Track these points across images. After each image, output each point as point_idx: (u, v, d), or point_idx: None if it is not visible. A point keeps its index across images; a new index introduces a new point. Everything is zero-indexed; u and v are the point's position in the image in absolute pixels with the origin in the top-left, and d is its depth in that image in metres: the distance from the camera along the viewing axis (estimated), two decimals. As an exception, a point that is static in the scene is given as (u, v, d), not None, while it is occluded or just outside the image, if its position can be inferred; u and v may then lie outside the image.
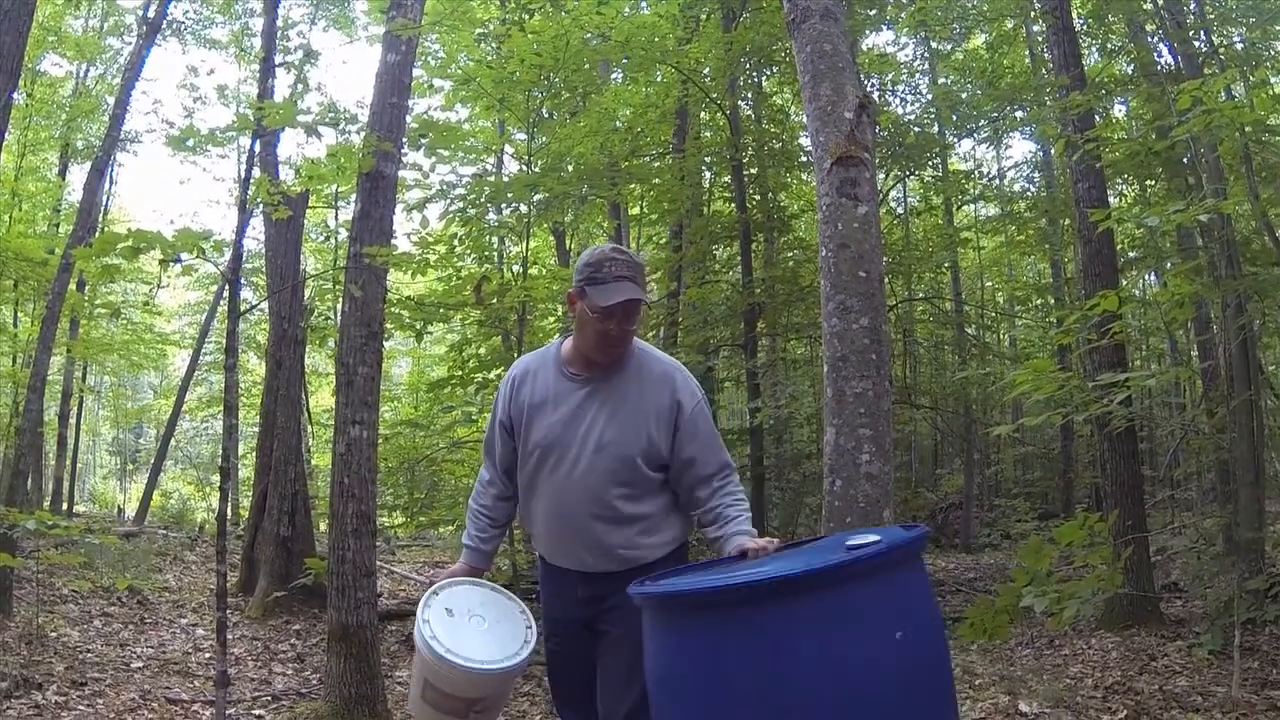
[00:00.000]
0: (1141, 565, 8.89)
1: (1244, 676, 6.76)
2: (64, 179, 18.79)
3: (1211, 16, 9.71)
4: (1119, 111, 14.60)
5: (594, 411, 3.45)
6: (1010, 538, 12.67)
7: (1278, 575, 8.47)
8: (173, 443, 23.37)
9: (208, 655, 7.65)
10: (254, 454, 12.49)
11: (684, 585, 2.78)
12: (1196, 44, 9.20)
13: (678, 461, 3.46)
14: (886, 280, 14.87)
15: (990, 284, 21.55)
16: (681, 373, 3.55)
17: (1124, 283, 11.58)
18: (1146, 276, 16.25)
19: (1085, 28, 12.57)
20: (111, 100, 14.60)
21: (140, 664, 7.23)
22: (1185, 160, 9.17)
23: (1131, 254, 12.55)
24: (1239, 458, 8.36)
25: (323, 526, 12.77)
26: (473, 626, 3.37)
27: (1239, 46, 10.19)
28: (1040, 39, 13.83)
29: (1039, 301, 18.82)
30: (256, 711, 6.36)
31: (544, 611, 3.72)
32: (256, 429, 13.04)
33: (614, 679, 3.42)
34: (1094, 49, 13.69)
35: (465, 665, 3.20)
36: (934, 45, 16.80)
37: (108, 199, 19.05)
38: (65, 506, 17.37)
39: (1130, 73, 12.18)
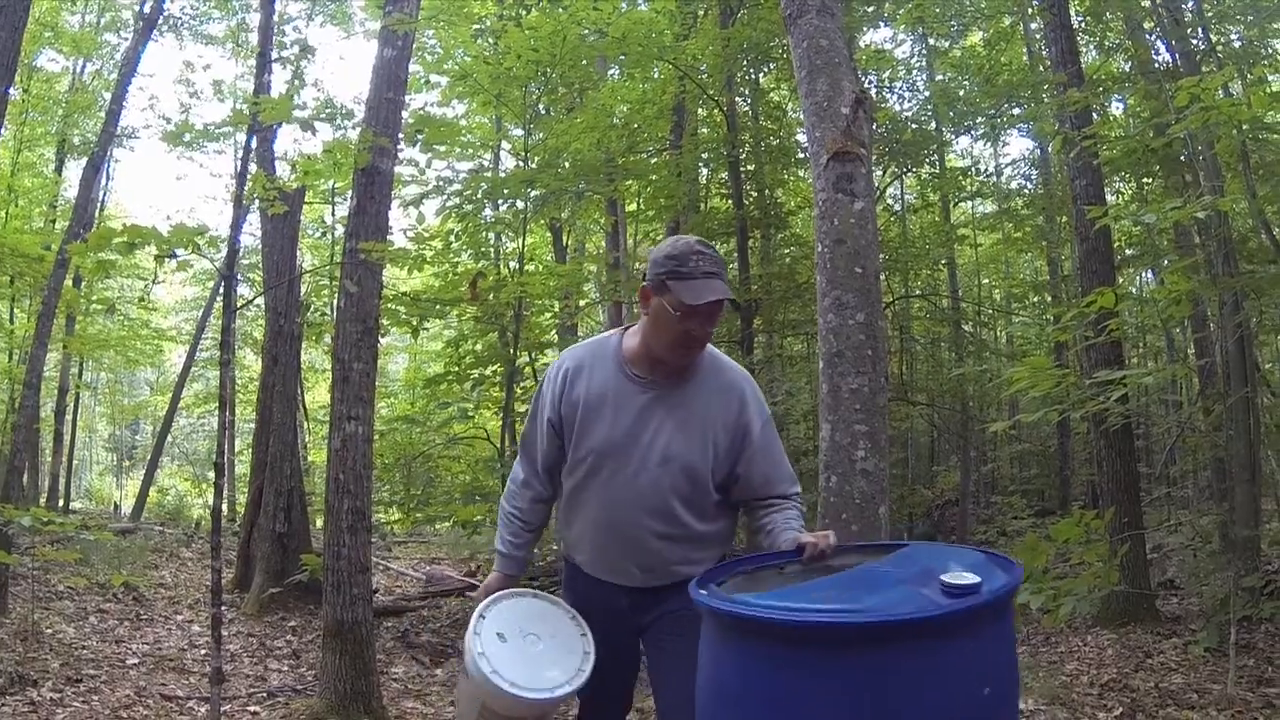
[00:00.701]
0: (1138, 563, 8.89)
1: (1239, 674, 6.77)
2: (60, 175, 18.77)
3: (1209, 14, 9.72)
4: (1116, 109, 14.60)
5: (659, 419, 3.19)
6: (1007, 535, 12.66)
7: (1273, 573, 8.49)
8: (169, 439, 23.38)
9: (203, 652, 7.64)
10: (250, 450, 12.48)
11: (776, 614, 2.41)
12: (1194, 41, 9.20)
13: (744, 479, 3.25)
14: (883, 277, 14.87)
15: (987, 281, 21.54)
16: (751, 385, 3.32)
17: (1121, 280, 11.59)
18: (1143, 274, 16.27)
19: (1083, 25, 12.56)
20: (108, 96, 14.58)
21: (136, 660, 7.22)
22: (1182, 158, 9.18)
23: (1129, 251, 12.56)
24: (1235, 455, 8.37)
25: (319, 523, 12.77)
26: (529, 647, 3.19)
27: (1237, 44, 10.19)
28: (1038, 36, 13.82)
29: (1036, 299, 18.84)
30: (252, 708, 6.35)
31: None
32: (252, 425, 13.03)
33: (680, 696, 3.15)
34: (1091, 46, 13.68)
35: (533, 698, 3.05)
36: (931, 42, 16.78)
37: (104, 195, 19.04)
38: (61, 503, 17.36)
39: (1128, 70, 12.19)
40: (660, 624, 3.25)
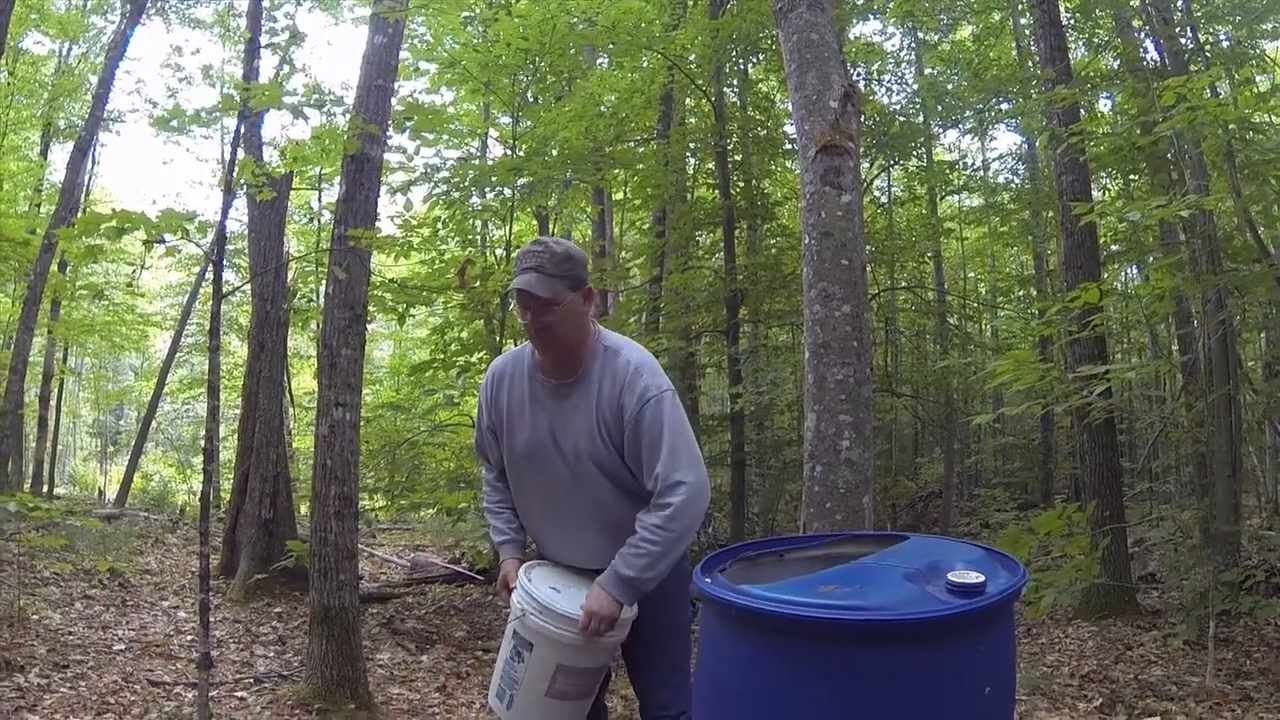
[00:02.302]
0: (1119, 556, 8.96)
1: (1218, 667, 6.85)
2: (46, 158, 18.69)
3: (1198, 14, 9.75)
4: (1104, 106, 14.64)
5: (565, 417, 3.35)
6: (989, 527, 12.71)
7: (1253, 568, 8.55)
8: (154, 425, 23.30)
9: (189, 638, 7.65)
10: (235, 436, 12.47)
11: (784, 609, 2.42)
12: (1183, 41, 9.23)
13: (630, 466, 3.30)
14: (869, 269, 14.95)
15: (973, 274, 21.59)
16: (635, 369, 3.29)
17: (1106, 276, 11.64)
18: (1128, 270, 16.32)
19: (1072, 22, 12.61)
20: (94, 79, 14.55)
21: (122, 646, 7.22)
22: (1169, 156, 9.22)
23: (1114, 247, 12.61)
24: (1217, 451, 8.43)
25: (303, 509, 12.78)
26: (578, 594, 3.29)
27: (1225, 44, 10.23)
28: (1027, 32, 13.85)
29: (1021, 293, 18.87)
30: (239, 694, 6.36)
31: None
32: (238, 411, 13.01)
33: (662, 662, 3.41)
34: (1080, 43, 13.72)
35: (626, 616, 3.20)
36: (921, 36, 16.81)
37: (90, 179, 18.95)
38: (46, 489, 17.30)
39: (1116, 68, 12.23)
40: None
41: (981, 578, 2.39)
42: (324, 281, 8.61)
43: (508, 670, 3.31)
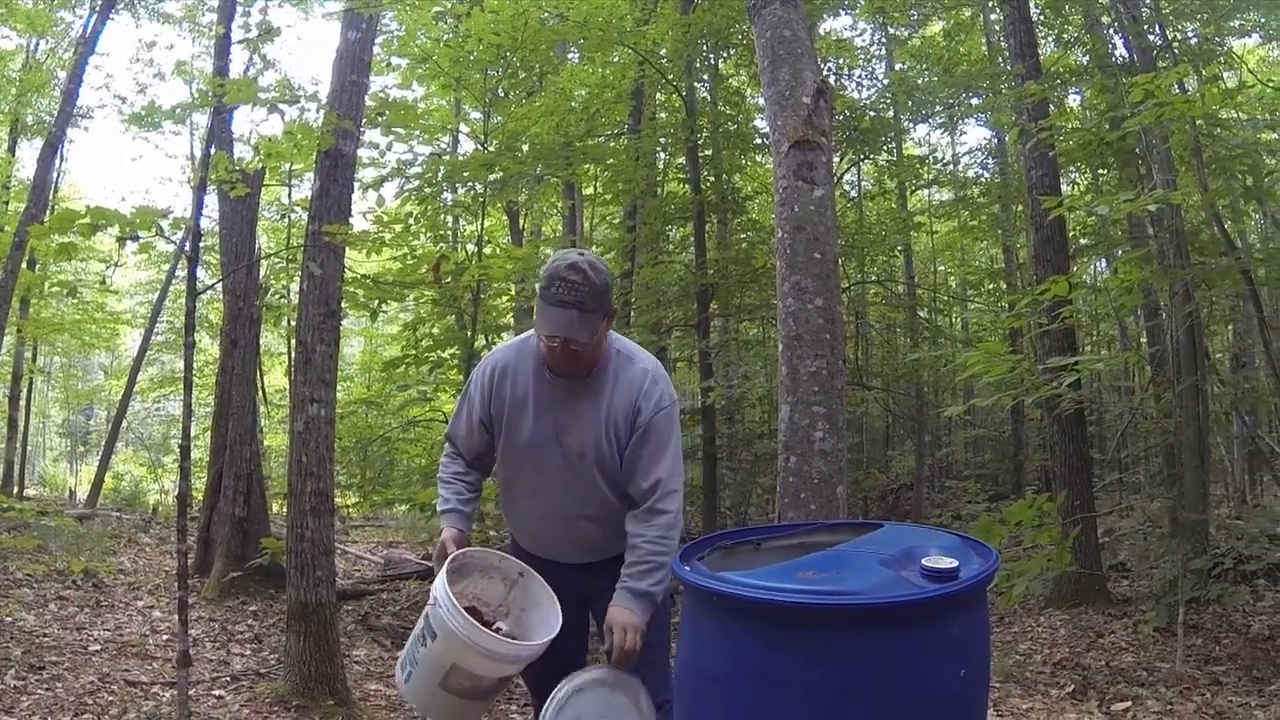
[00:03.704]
0: (1089, 545, 9.05)
1: (1188, 653, 6.95)
2: (14, 155, 18.50)
3: (1166, 11, 9.85)
4: (1074, 101, 14.76)
5: (573, 414, 3.36)
6: (961, 518, 12.81)
7: (1221, 555, 8.66)
8: (124, 424, 23.13)
9: (165, 637, 7.62)
10: (208, 434, 12.40)
11: (763, 594, 2.45)
12: (1151, 37, 9.32)
13: (625, 469, 3.35)
14: (840, 263, 15.01)
15: (943, 268, 21.71)
16: (653, 378, 3.38)
17: (1074, 269, 11.74)
18: (1097, 263, 16.45)
19: (1042, 18, 12.71)
20: (63, 75, 14.42)
21: (98, 647, 7.18)
22: (1137, 151, 9.31)
23: (1083, 241, 12.72)
24: (1185, 441, 8.53)
25: (277, 507, 12.73)
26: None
27: (1193, 41, 10.33)
28: (997, 28, 13.96)
29: (991, 286, 19.00)
30: (216, 692, 6.35)
31: None
32: (210, 409, 12.95)
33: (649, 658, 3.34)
34: (1050, 39, 13.83)
35: (512, 646, 3.12)
36: (892, 31, 16.90)
37: (59, 176, 18.79)
38: (16, 490, 17.17)
39: (1086, 64, 12.33)
40: (606, 593, 3.32)
41: (955, 563, 2.43)
42: (296, 278, 8.59)
43: (413, 648, 3.27)
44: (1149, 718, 5.78)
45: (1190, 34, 10.54)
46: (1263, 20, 10.74)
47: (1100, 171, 12.50)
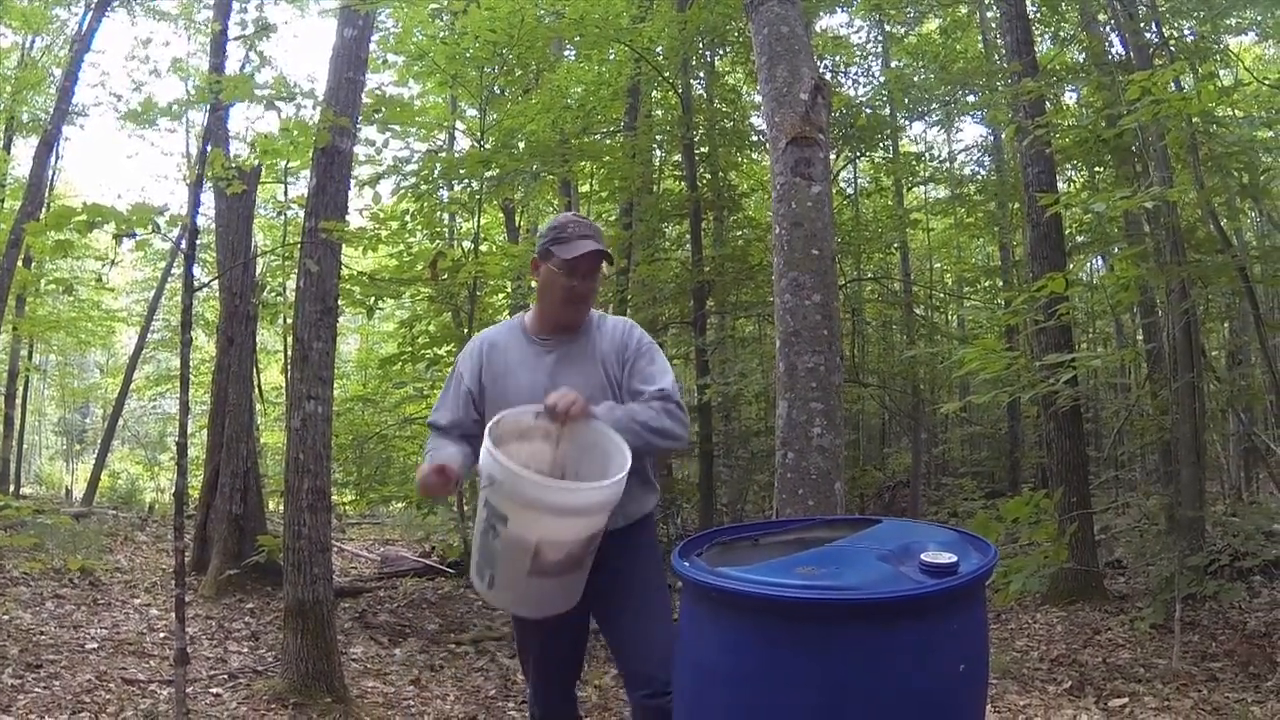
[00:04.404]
0: (1086, 542, 9.07)
1: (1184, 649, 6.97)
2: (9, 153, 18.47)
3: (1163, 8, 9.85)
4: (1070, 99, 14.77)
5: (565, 372, 3.48)
6: (957, 515, 12.80)
7: (1217, 552, 8.68)
8: (120, 422, 23.11)
9: (162, 635, 7.61)
10: (204, 432, 12.40)
11: (763, 590, 2.44)
12: (1148, 35, 9.33)
13: (629, 387, 3.51)
14: (836, 259, 15.01)
15: (939, 265, 21.74)
16: (630, 324, 3.69)
17: (1071, 266, 11.76)
18: (1094, 260, 16.48)
19: (1038, 15, 12.72)
20: (58, 72, 14.41)
21: (95, 645, 7.17)
22: (1133, 149, 9.32)
23: (1079, 238, 12.72)
24: (1181, 439, 8.55)
25: (273, 505, 12.73)
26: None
27: (1189, 39, 10.34)
28: (994, 25, 13.96)
29: (987, 283, 19.01)
30: (214, 690, 6.34)
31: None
32: (206, 407, 12.93)
33: (647, 630, 3.37)
34: (1046, 37, 13.84)
35: (590, 491, 2.93)
36: (888, 28, 16.90)
37: (54, 173, 18.75)
38: (12, 488, 17.16)
39: (1082, 61, 12.34)
40: (605, 592, 3.39)
41: (954, 558, 2.43)
42: (292, 275, 8.58)
43: (484, 548, 3.08)
44: (1146, 714, 5.78)
45: (1187, 31, 10.54)
46: (1259, 18, 10.74)
47: (1097, 169, 12.51)
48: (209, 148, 6.24)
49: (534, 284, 3.67)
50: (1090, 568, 9.10)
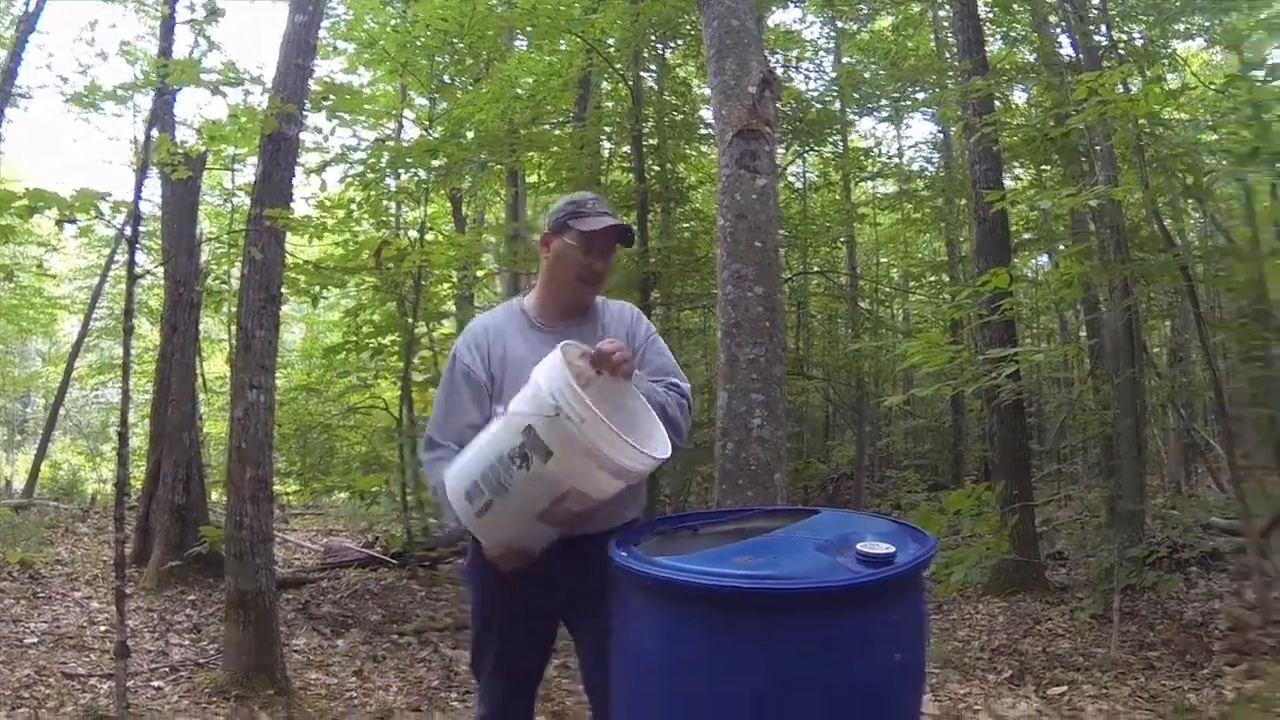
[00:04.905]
0: (1028, 534, 9.18)
1: (1122, 638, 7.08)
2: (-51, 136, 18.12)
3: (1113, 12, 9.96)
4: (1020, 98, 14.92)
5: None
6: (900, 508, 12.92)
7: (1156, 544, 8.82)
8: (62, 412, 22.77)
9: (103, 628, 7.52)
10: (146, 421, 12.24)
11: (700, 579, 2.40)
12: (1098, 38, 9.43)
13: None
14: (783, 252, 15.07)
15: (886, 259, 21.89)
16: (634, 308, 3.54)
17: (1015, 262, 11.89)
18: (1039, 257, 16.66)
19: (991, 16, 12.83)
20: (3, 53, 14.15)
21: (35, 639, 7.07)
22: (1080, 148, 9.44)
23: (1025, 235, 12.87)
24: (1122, 433, 8.68)
25: (216, 495, 12.60)
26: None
27: (1139, 42, 10.46)
28: (946, 24, 14.08)
29: (933, 278, 19.17)
30: (155, 683, 6.27)
31: (493, 596, 3.28)
32: (149, 396, 12.77)
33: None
34: (998, 37, 13.97)
35: (650, 454, 2.74)
36: (840, 24, 16.98)
37: (-3, 157, 18.43)
38: (-51, 479, 16.88)
39: (1033, 62, 12.47)
40: (583, 602, 3.11)
41: (891, 548, 2.43)
42: (237, 263, 8.49)
43: (498, 471, 2.77)
44: (1084, 701, 5.86)
45: (1136, 35, 10.67)
46: (1207, 24, 10.89)
47: (1044, 167, 12.65)
48: (154, 133, 6.17)
49: (531, 270, 3.54)
50: (1032, 559, 9.22)
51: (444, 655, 7.35)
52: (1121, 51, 9.70)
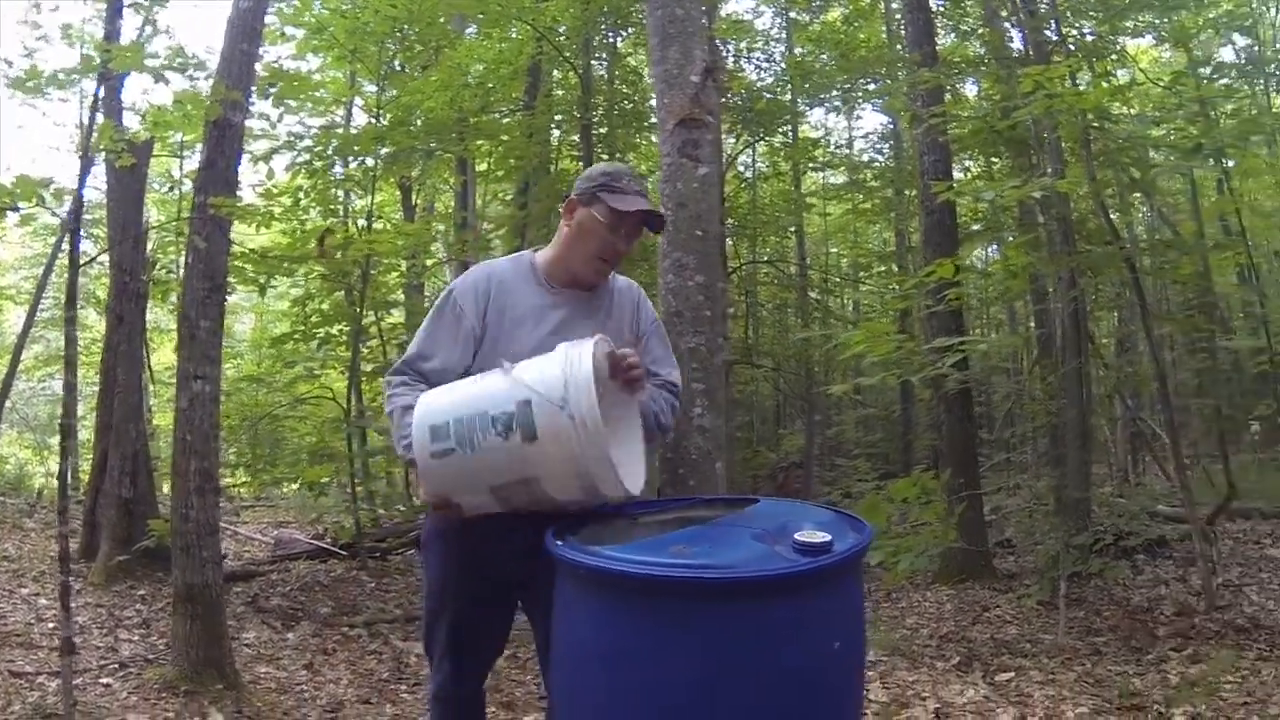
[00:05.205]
0: (975, 523, 9.28)
1: (1069, 625, 7.20)
2: (-114, 122, 17.80)
3: (1063, 7, 10.05)
4: (971, 91, 15.03)
5: (576, 330, 3.06)
6: (850, 496, 12.97)
7: (1102, 532, 8.94)
8: (7, 405, 22.45)
9: (51, 625, 7.40)
10: (93, 414, 12.09)
11: (634, 568, 2.39)
12: (1047, 32, 9.51)
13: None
14: (731, 242, 15.12)
15: (835, 250, 22.00)
16: (642, 290, 3.46)
17: (963, 253, 12.00)
18: (988, 249, 16.80)
19: (942, 9, 12.92)
20: (-59, 41, 13.90)
21: (-20, 637, 6.99)
22: (1029, 141, 9.52)
23: (974, 226, 12.98)
24: (1069, 422, 8.79)
25: (164, 488, 12.48)
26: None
27: (1089, 38, 10.58)
28: (898, 16, 14.15)
29: (882, 269, 19.29)
30: (104, 680, 6.19)
31: (456, 572, 3.21)
32: (95, 388, 12.62)
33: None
34: (949, 30, 14.06)
35: (626, 489, 2.72)
36: (792, 15, 17.03)
37: (-65, 144, 18.14)
38: (-109, 473, 16.60)
39: (983, 55, 12.56)
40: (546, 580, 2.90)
41: (828, 537, 2.42)
42: (184, 252, 8.41)
43: (475, 426, 2.69)
44: (1031, 687, 5.93)
45: (1086, 31, 10.77)
46: (1156, 22, 11.02)
47: (993, 160, 12.75)
48: (98, 118, 6.08)
49: (560, 230, 3.32)
50: (980, 547, 9.32)
51: (394, 647, 7.32)
52: (1071, 46, 9.80)
